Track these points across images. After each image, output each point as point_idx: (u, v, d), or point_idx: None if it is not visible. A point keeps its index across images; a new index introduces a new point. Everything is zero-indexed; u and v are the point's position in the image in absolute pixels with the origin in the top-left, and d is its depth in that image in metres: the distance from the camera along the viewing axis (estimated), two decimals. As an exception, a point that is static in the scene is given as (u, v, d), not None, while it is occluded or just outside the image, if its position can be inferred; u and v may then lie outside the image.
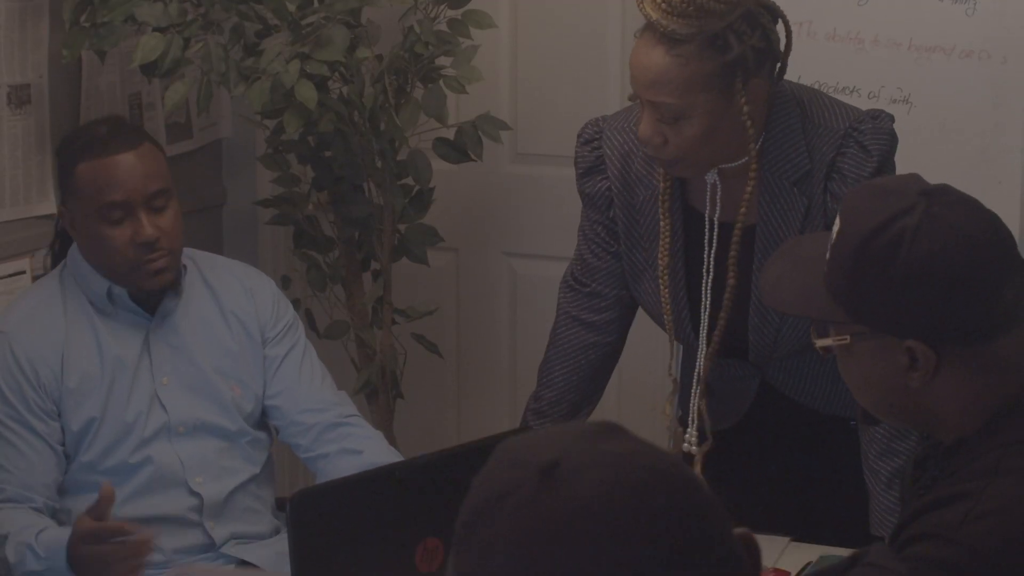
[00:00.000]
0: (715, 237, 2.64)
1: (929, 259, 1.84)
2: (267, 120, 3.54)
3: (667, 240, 2.66)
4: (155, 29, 3.22)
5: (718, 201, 2.62)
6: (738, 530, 1.29)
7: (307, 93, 3.17)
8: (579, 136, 2.77)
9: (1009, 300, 1.88)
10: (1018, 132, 3.29)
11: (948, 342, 1.87)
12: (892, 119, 2.61)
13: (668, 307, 2.69)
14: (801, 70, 3.37)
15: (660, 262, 2.67)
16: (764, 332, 2.68)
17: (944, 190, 1.90)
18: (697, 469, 2.66)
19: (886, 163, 2.57)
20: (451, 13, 3.41)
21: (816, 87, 3.30)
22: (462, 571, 1.26)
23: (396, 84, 3.38)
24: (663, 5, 2.45)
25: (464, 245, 4.08)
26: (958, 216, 1.87)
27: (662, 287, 2.68)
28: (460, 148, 3.49)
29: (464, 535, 1.26)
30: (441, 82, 3.40)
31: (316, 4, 3.30)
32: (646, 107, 2.51)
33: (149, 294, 2.76)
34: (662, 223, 2.66)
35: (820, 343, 1.98)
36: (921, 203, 1.86)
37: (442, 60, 3.40)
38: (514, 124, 3.80)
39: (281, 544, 2.59)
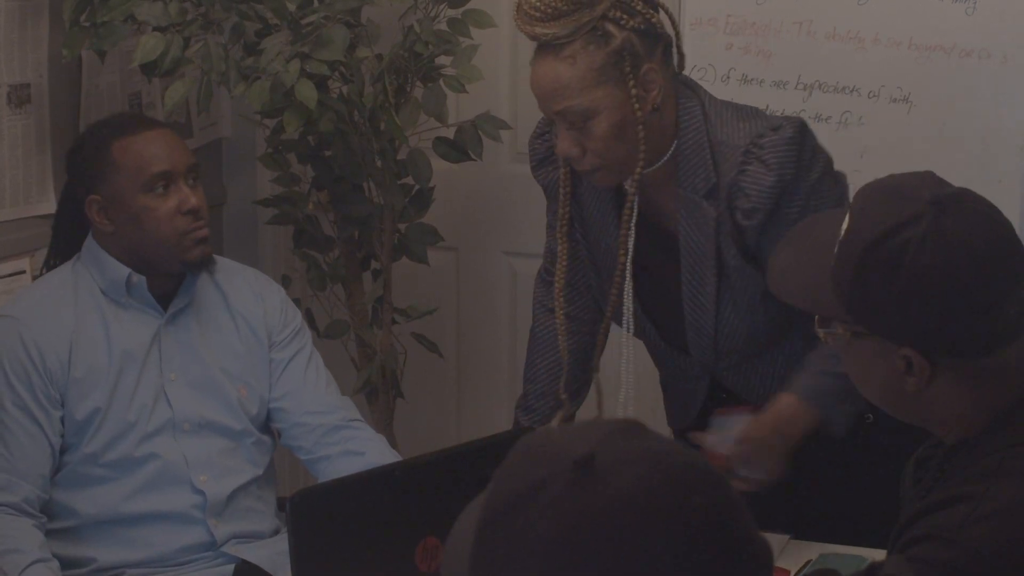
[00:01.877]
0: (631, 245, 2.66)
1: (930, 273, 1.83)
2: (267, 120, 3.54)
3: (564, 262, 2.74)
4: (155, 29, 3.23)
5: (635, 208, 2.64)
6: None
7: (307, 92, 3.17)
8: (533, 132, 2.82)
9: (1012, 315, 1.86)
10: (1018, 131, 3.29)
11: (944, 354, 1.87)
12: (797, 126, 2.58)
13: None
14: (801, 70, 3.37)
15: (556, 284, 2.75)
16: (702, 345, 2.71)
17: (959, 198, 1.87)
18: None
19: (786, 171, 2.55)
20: (451, 12, 3.41)
21: (816, 86, 3.31)
22: (484, 566, 1.24)
23: (396, 83, 3.38)
24: (535, 14, 2.50)
25: (464, 244, 4.08)
26: (966, 229, 1.84)
27: (557, 312, 2.76)
28: (460, 147, 3.49)
29: (489, 531, 1.24)
30: (441, 81, 3.40)
31: (316, 4, 3.30)
32: (556, 123, 2.56)
33: (189, 267, 2.78)
34: (559, 247, 2.74)
35: (822, 333, 1.97)
36: (930, 213, 1.84)
37: (442, 59, 3.40)
38: (514, 123, 3.79)
39: (281, 544, 2.59)
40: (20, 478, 2.69)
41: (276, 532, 2.88)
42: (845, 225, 1.90)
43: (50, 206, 3.39)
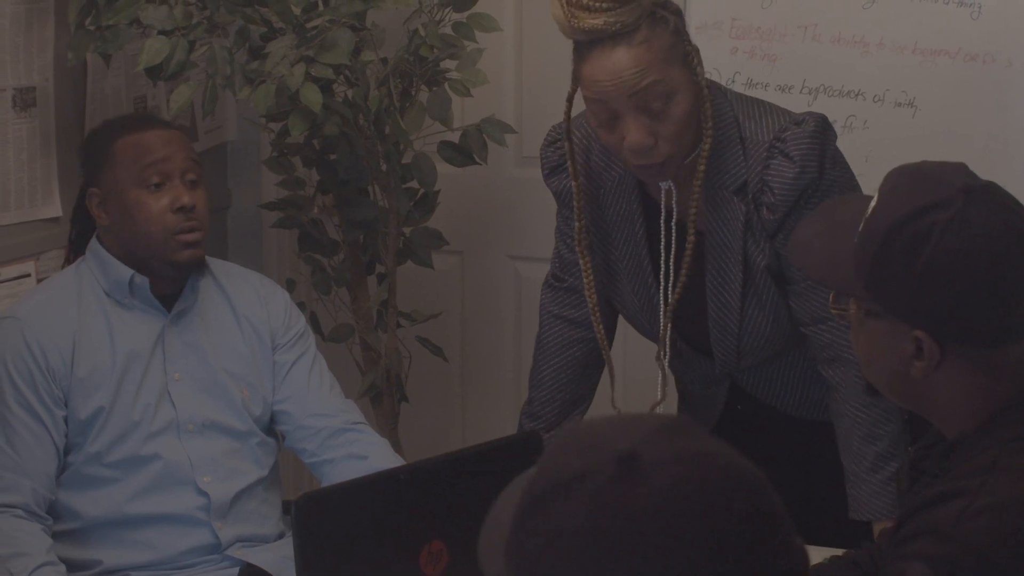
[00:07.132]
0: (672, 241, 2.66)
1: (952, 259, 1.84)
2: (272, 123, 3.54)
3: (590, 276, 2.72)
4: (160, 32, 3.23)
5: (674, 206, 2.64)
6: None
7: (312, 96, 3.17)
8: (544, 139, 2.82)
9: None
10: (1022, 135, 3.29)
11: (955, 341, 1.88)
12: (819, 119, 2.61)
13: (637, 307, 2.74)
14: (806, 73, 3.37)
15: (589, 300, 2.73)
16: (725, 344, 2.71)
17: (989, 190, 1.89)
18: None
19: (808, 164, 2.58)
20: (456, 16, 3.41)
21: (821, 90, 3.31)
22: (519, 552, 1.24)
23: (401, 87, 3.38)
24: (601, 5, 2.46)
25: (469, 248, 4.09)
26: (992, 221, 1.86)
27: (596, 326, 2.75)
28: (465, 151, 3.49)
29: (527, 516, 1.25)
30: (446, 85, 3.40)
31: (321, 7, 3.31)
32: (630, 113, 2.51)
33: (177, 270, 2.78)
34: (582, 261, 2.72)
35: (836, 309, 1.98)
36: (959, 200, 1.85)
37: (447, 63, 3.40)
38: (519, 127, 3.79)
39: (286, 547, 2.60)
40: (26, 477, 2.69)
41: (281, 535, 2.88)
42: (873, 203, 1.91)
43: (55, 209, 3.40)
